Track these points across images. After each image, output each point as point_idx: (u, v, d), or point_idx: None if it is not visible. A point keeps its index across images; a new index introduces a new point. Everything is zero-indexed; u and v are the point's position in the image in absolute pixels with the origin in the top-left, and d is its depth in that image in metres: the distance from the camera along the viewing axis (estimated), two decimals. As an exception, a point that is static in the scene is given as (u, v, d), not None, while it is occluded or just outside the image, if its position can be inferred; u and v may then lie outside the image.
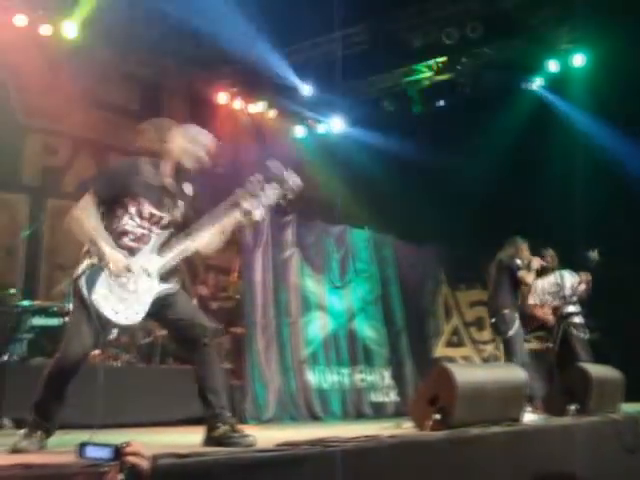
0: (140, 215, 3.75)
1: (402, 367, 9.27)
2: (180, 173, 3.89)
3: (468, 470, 3.98)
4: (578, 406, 5.68)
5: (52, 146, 8.57)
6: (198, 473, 2.82)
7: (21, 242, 7.94)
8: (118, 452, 1.89)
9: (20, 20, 8.04)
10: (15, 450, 3.41)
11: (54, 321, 6.57)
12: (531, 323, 7.32)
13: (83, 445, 1.93)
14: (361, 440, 3.65)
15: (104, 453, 1.91)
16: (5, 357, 6.36)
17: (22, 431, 3.62)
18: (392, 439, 3.82)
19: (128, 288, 3.65)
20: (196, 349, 3.79)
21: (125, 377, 6.51)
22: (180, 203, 3.87)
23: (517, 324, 6.68)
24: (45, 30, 8.26)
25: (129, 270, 3.64)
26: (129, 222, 3.74)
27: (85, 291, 3.57)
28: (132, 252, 3.72)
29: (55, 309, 6.78)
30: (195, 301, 8.77)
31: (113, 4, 8.39)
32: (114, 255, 3.63)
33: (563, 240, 7.98)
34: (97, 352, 6.78)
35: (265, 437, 3.99)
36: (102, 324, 3.58)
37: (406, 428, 5.09)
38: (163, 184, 3.85)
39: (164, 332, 6.63)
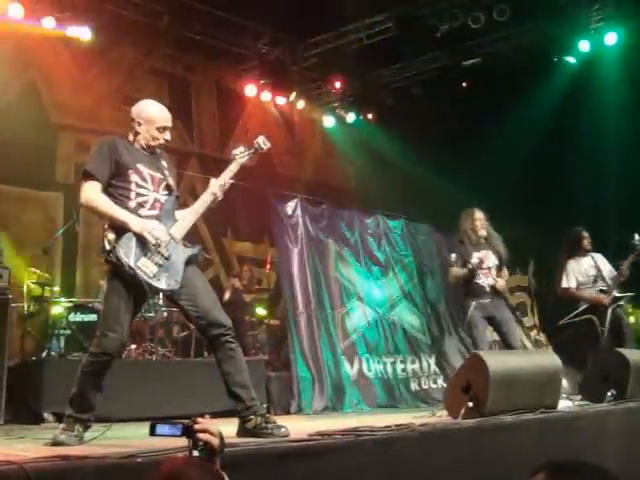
0: (144, 179, 3.84)
1: (445, 354, 9.17)
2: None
3: (500, 458, 3.96)
4: (615, 392, 5.60)
5: (84, 143, 8.67)
6: (232, 463, 2.85)
7: (57, 240, 8.05)
8: (187, 429, 1.97)
9: (48, 22, 8.11)
10: (54, 444, 3.50)
11: (91, 317, 6.69)
12: (579, 306, 7.20)
13: (154, 425, 2.03)
14: (392, 429, 3.66)
15: (174, 431, 2.00)
16: (44, 353, 6.50)
17: (61, 425, 3.71)
18: (423, 428, 3.82)
19: (163, 254, 3.73)
20: (217, 347, 3.84)
21: (161, 371, 6.60)
22: (165, 171, 3.97)
23: (470, 311, 6.60)
24: (73, 31, 8.32)
25: (162, 235, 3.74)
26: (137, 190, 3.81)
27: (125, 259, 3.61)
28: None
29: (91, 305, 6.91)
30: (229, 294, 8.86)
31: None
32: (146, 223, 3.73)
33: (596, 223, 7.85)
34: (133, 347, 6.92)
35: (301, 427, 4.03)
36: (150, 290, 3.70)
37: (440, 416, 5.09)
38: (143, 150, 3.96)
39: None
